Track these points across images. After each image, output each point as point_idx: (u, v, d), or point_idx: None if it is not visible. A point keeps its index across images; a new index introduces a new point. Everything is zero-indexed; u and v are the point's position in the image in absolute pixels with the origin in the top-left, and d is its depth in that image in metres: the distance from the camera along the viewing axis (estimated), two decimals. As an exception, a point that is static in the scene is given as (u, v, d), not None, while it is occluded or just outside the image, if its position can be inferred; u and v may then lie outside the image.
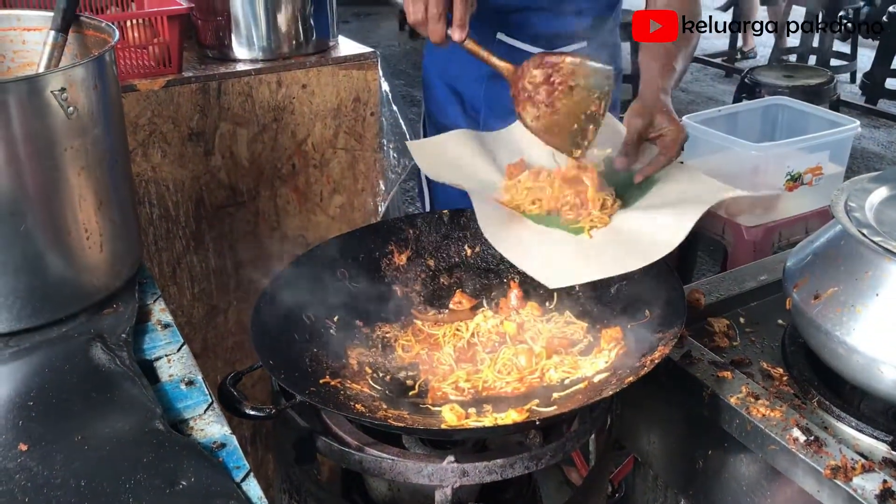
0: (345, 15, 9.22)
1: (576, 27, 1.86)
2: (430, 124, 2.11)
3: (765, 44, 7.64)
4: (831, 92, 4.29)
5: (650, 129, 1.51)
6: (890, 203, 1.32)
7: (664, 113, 1.51)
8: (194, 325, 2.05)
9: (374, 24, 8.80)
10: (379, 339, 1.48)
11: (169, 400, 1.13)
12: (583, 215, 1.49)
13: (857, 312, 1.20)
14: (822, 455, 1.17)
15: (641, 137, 1.51)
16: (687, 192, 1.51)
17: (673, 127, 1.50)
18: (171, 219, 1.92)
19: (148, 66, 1.86)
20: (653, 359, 1.21)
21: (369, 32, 8.57)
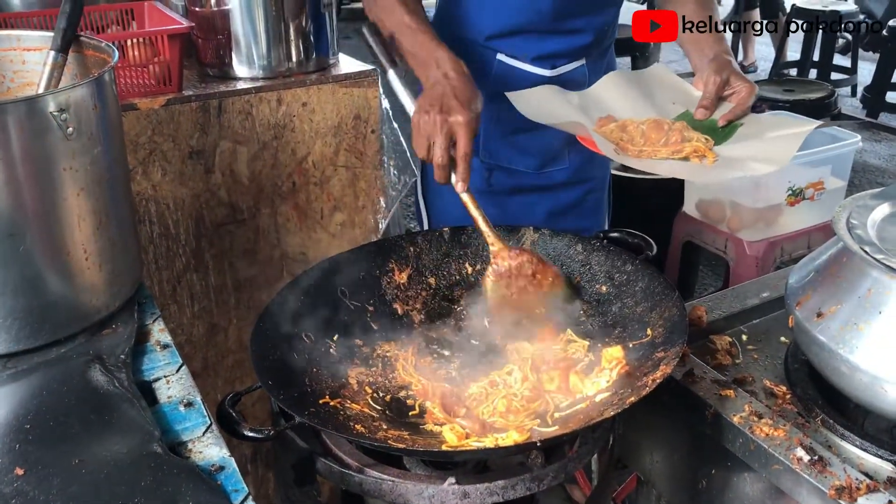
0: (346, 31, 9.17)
1: (575, 46, 1.87)
2: None
3: (765, 58, 7.65)
4: (832, 106, 4.30)
5: (726, 87, 1.70)
6: (892, 220, 1.31)
7: (737, 73, 1.71)
8: (194, 343, 2.04)
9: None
10: (379, 358, 1.47)
11: (168, 422, 1.12)
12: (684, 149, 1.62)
13: (860, 330, 1.19)
14: (826, 475, 1.16)
15: (718, 94, 1.70)
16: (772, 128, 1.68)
17: (746, 84, 1.70)
18: (171, 237, 1.92)
19: (148, 85, 1.86)
20: (654, 378, 1.20)
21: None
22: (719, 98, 1.71)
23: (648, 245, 1.53)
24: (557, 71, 1.87)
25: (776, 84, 4.58)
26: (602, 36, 1.91)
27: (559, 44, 1.85)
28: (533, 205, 1.98)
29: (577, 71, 1.89)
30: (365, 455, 1.24)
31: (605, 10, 1.89)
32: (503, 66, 1.85)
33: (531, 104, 1.74)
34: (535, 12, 1.79)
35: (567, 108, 1.75)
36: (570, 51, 1.87)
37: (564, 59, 1.87)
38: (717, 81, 1.69)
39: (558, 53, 1.86)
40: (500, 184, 1.95)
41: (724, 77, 1.70)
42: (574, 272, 1.57)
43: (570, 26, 1.83)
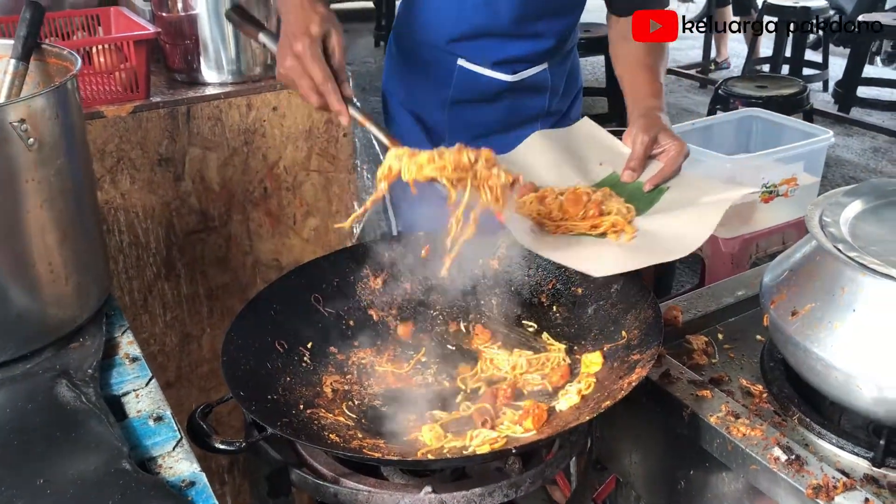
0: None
1: (536, 51, 1.86)
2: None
3: (738, 54, 7.70)
4: (804, 102, 4.33)
5: (655, 146, 1.61)
6: (864, 217, 1.32)
7: (666, 131, 1.62)
8: (167, 353, 2.01)
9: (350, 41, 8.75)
10: (355, 365, 1.46)
11: (137, 437, 1.10)
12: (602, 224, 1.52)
13: (835, 328, 1.19)
14: (803, 474, 1.16)
15: (647, 154, 1.61)
16: (699, 195, 1.57)
17: (676, 143, 1.61)
18: (141, 246, 1.89)
19: (115, 92, 1.84)
20: (630, 381, 1.20)
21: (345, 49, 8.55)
22: (648, 157, 1.62)
23: (623, 246, 1.52)
24: (519, 76, 1.86)
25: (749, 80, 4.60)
26: (563, 40, 1.91)
27: (520, 48, 1.84)
28: None
29: (539, 76, 1.89)
30: (341, 465, 1.23)
31: (566, 14, 1.88)
32: (464, 72, 1.84)
33: None
34: (495, 16, 1.77)
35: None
36: (532, 55, 1.86)
37: (525, 64, 1.87)
38: (645, 141, 1.60)
39: (519, 58, 1.85)
40: None
41: (653, 135, 1.61)
42: (550, 275, 1.56)
43: (530, 30, 1.82)
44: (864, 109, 6.48)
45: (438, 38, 1.83)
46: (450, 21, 1.80)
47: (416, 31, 1.86)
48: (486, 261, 1.60)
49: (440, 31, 1.82)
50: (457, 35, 1.81)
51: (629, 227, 1.50)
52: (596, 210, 1.52)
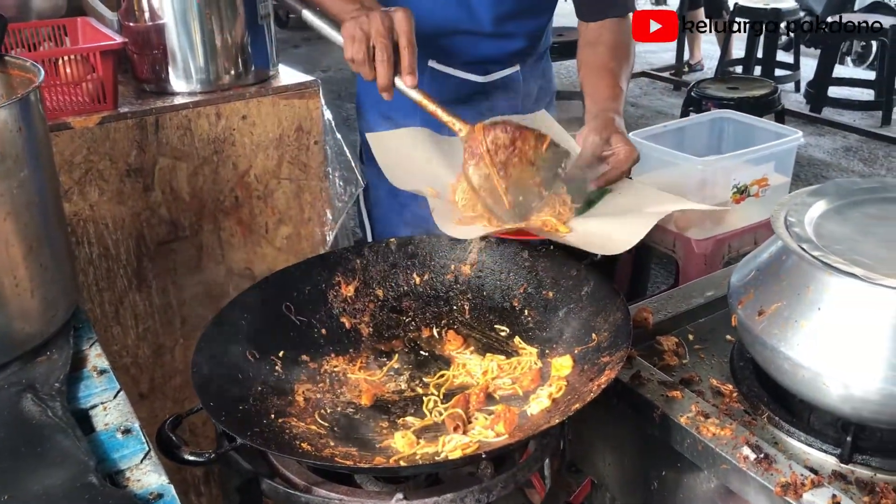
0: (295, 39, 9.18)
1: (508, 51, 1.86)
2: (367, 156, 2.08)
3: (711, 56, 7.76)
4: (776, 102, 4.37)
5: (605, 148, 1.60)
6: (829, 217, 1.33)
7: (619, 135, 1.61)
8: (140, 365, 2.00)
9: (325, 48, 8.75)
10: (327, 373, 1.46)
11: (105, 450, 1.09)
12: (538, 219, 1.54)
13: (801, 327, 1.20)
14: (772, 472, 1.17)
15: (596, 155, 1.59)
16: (640, 203, 1.60)
17: (627, 147, 1.60)
18: (111, 257, 1.88)
19: (82, 103, 1.82)
20: (599, 384, 1.20)
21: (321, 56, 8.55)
22: (598, 158, 1.61)
23: (593, 250, 1.53)
24: (490, 77, 1.86)
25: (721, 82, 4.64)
26: (535, 41, 1.91)
27: (491, 48, 1.84)
28: None
29: (511, 77, 1.89)
30: (314, 474, 1.22)
31: (538, 14, 1.89)
32: (436, 74, 1.84)
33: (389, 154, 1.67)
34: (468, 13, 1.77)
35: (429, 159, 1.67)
36: (503, 56, 1.86)
37: (497, 65, 1.87)
38: (596, 142, 1.60)
39: (490, 59, 1.85)
40: None
41: (605, 137, 1.60)
42: (521, 279, 1.56)
43: (502, 30, 1.82)
44: (835, 109, 6.55)
45: None
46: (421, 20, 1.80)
47: None
48: (458, 266, 1.61)
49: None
50: (429, 32, 1.81)
51: (563, 227, 1.54)
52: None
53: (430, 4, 1.77)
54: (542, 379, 1.38)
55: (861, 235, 1.27)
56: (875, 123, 6.32)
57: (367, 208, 2.11)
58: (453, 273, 1.61)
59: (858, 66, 7.92)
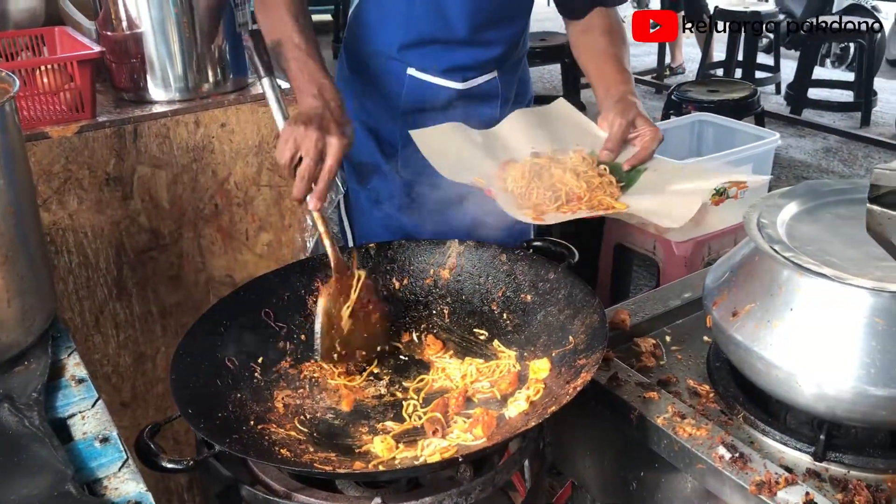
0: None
1: (486, 58, 1.87)
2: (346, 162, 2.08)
3: (693, 59, 7.81)
4: (755, 105, 4.40)
5: (631, 130, 1.68)
6: (801, 218, 1.35)
7: (642, 116, 1.69)
8: (121, 373, 2.00)
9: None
10: (307, 379, 1.46)
11: (83, 459, 1.09)
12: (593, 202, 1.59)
13: (774, 327, 1.22)
14: (747, 471, 1.18)
15: (624, 136, 1.68)
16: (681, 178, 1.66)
17: (652, 128, 1.68)
18: (91, 266, 1.87)
19: (60, 112, 1.82)
20: (575, 386, 1.21)
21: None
22: (624, 141, 1.69)
23: (571, 253, 1.54)
24: (468, 84, 1.87)
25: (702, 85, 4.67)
26: (512, 48, 1.92)
27: (469, 56, 1.85)
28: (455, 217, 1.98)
29: (489, 84, 1.90)
30: (294, 480, 1.23)
31: (515, 21, 1.90)
32: (414, 81, 1.85)
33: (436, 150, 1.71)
34: (444, 23, 1.79)
35: (471, 153, 1.72)
36: (481, 63, 1.87)
37: (475, 72, 1.88)
38: (623, 124, 1.67)
39: (469, 66, 1.86)
40: (422, 197, 1.95)
41: (630, 119, 1.67)
42: (500, 283, 1.57)
43: (479, 38, 1.83)
44: (815, 111, 6.61)
45: (388, 46, 1.84)
46: (399, 29, 1.81)
47: (366, 41, 1.87)
48: (437, 270, 1.62)
49: (390, 39, 1.83)
50: (406, 42, 1.82)
51: (619, 203, 1.60)
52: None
53: (407, 16, 1.79)
54: (520, 382, 1.39)
55: (832, 236, 1.29)
56: (854, 124, 6.37)
57: (347, 216, 2.11)
58: (432, 277, 1.62)
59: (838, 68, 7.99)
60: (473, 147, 1.74)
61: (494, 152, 1.73)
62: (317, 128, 1.43)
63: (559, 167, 1.63)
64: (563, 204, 1.58)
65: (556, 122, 1.81)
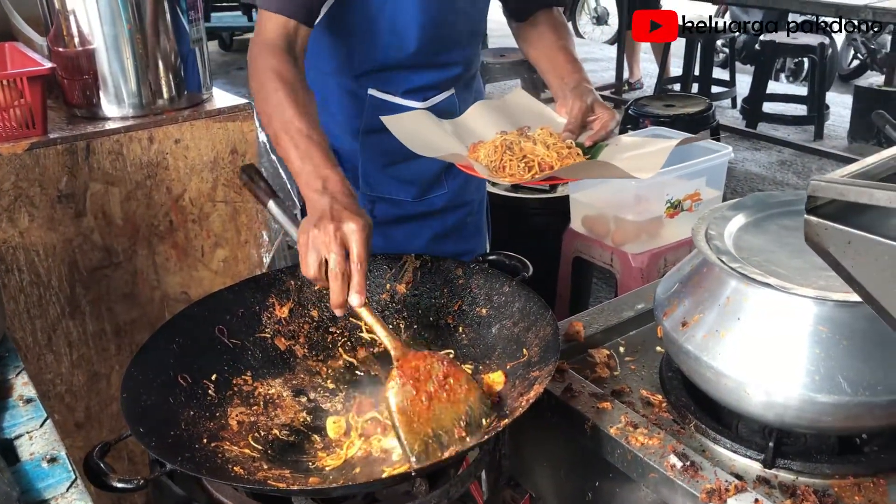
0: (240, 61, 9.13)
1: (444, 79, 1.90)
2: None
3: (651, 74, 7.91)
4: (711, 119, 4.47)
5: (589, 114, 1.71)
6: (748, 229, 1.38)
7: (599, 101, 1.74)
8: (75, 392, 1.97)
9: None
10: (261, 396, 1.45)
11: (29, 480, 1.07)
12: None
13: (722, 337, 1.24)
14: (698, 479, 1.20)
15: (584, 119, 1.71)
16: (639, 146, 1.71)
17: (609, 110, 1.73)
18: (42, 284, 1.85)
19: (10, 129, 1.80)
20: (528, 398, 1.22)
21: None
22: (583, 124, 1.72)
23: (525, 266, 1.55)
24: (428, 102, 1.89)
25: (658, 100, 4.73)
26: (469, 66, 1.95)
27: (428, 77, 1.87)
28: (416, 232, 1.99)
29: (447, 101, 1.92)
30: (250, 498, 1.22)
31: (470, 43, 1.93)
32: (375, 101, 1.86)
33: (409, 133, 1.74)
34: (402, 51, 1.80)
35: (442, 136, 1.76)
36: (440, 83, 1.90)
37: (434, 91, 1.90)
38: (582, 107, 1.71)
39: (428, 86, 1.88)
40: (383, 214, 1.95)
41: (588, 103, 1.72)
42: (456, 296, 1.58)
43: (438, 61, 1.86)
44: (770, 124, 6.72)
45: (347, 72, 1.85)
46: (359, 56, 1.82)
47: (325, 61, 1.87)
48: (394, 285, 1.62)
49: (349, 65, 1.84)
50: (366, 69, 1.83)
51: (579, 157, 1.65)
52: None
53: (369, 42, 1.80)
54: None
55: (778, 247, 1.31)
56: (808, 138, 6.49)
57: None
58: (389, 292, 1.62)
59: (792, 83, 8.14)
60: (443, 132, 1.77)
61: (463, 136, 1.77)
62: (329, 220, 1.31)
63: (528, 141, 1.66)
64: (536, 172, 1.60)
65: (517, 109, 1.85)
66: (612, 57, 8.12)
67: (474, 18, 1.92)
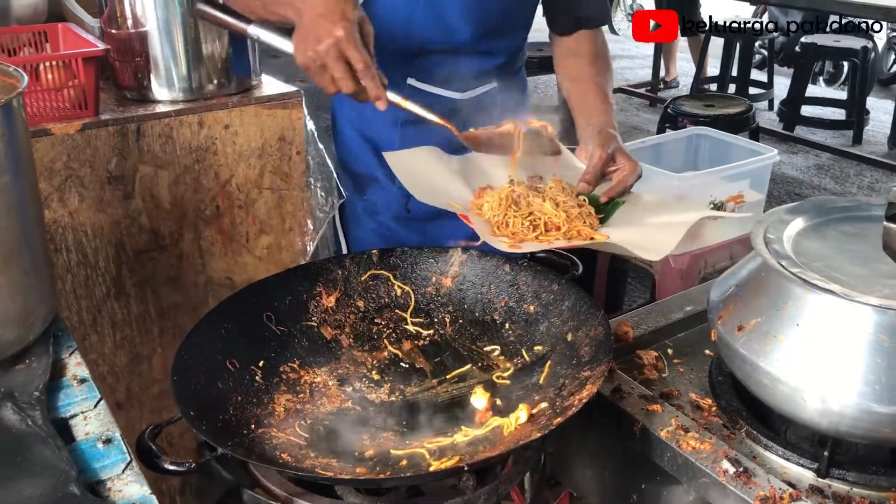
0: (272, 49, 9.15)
1: (487, 68, 1.87)
2: (342, 172, 2.08)
3: (686, 73, 7.85)
4: (750, 120, 4.42)
5: (610, 164, 1.65)
6: (807, 234, 1.35)
7: (622, 151, 1.67)
8: (117, 373, 1.98)
9: (302, 59, 8.77)
10: (307, 384, 1.45)
11: (85, 460, 1.08)
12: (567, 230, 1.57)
13: (780, 342, 1.22)
14: (751, 486, 1.18)
15: (603, 169, 1.65)
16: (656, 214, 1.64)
17: (631, 163, 1.66)
18: (89, 265, 1.86)
19: (63, 109, 1.81)
20: (581, 398, 1.21)
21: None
22: (602, 174, 1.66)
23: (574, 265, 1.55)
24: (468, 94, 1.87)
25: (696, 99, 4.69)
26: (513, 57, 1.93)
27: (470, 65, 1.84)
28: (452, 229, 1.98)
29: (489, 93, 1.90)
30: (294, 485, 1.22)
31: (516, 31, 1.90)
32: (414, 91, 1.84)
33: (410, 173, 1.70)
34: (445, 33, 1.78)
35: (447, 177, 1.71)
36: (482, 73, 1.87)
37: (476, 82, 1.88)
38: (602, 156, 1.64)
39: (469, 76, 1.86)
40: (418, 209, 1.94)
41: (610, 152, 1.65)
42: (502, 293, 1.57)
43: (481, 47, 1.83)
44: (807, 128, 6.65)
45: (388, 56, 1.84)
46: (399, 38, 1.80)
47: None
48: (440, 279, 1.61)
49: (390, 48, 1.83)
50: (406, 51, 1.82)
51: (599, 235, 1.56)
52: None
53: (407, 25, 1.78)
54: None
55: (838, 253, 1.29)
56: (846, 142, 6.42)
57: (342, 226, 2.10)
58: (434, 286, 1.61)
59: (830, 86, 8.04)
60: (449, 172, 1.72)
61: (471, 178, 1.71)
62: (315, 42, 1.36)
63: (537, 196, 1.60)
64: (541, 233, 1.56)
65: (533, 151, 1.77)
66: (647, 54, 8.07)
67: (526, 4, 1.89)
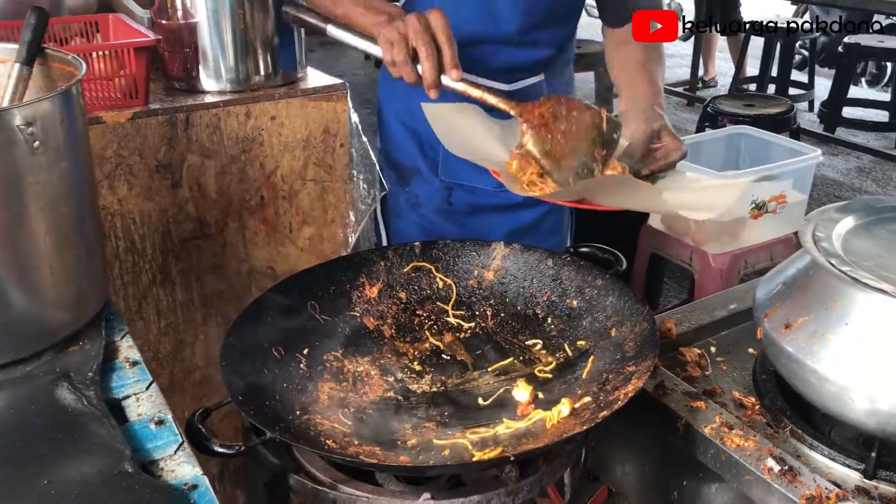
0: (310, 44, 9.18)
1: (534, 59, 1.87)
2: (385, 164, 2.09)
3: (725, 73, 7.78)
4: (791, 121, 4.38)
5: (655, 141, 1.63)
6: (856, 233, 1.34)
7: (668, 129, 1.65)
8: (161, 359, 2.01)
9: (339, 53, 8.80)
10: (350, 373, 1.46)
11: (138, 440, 1.10)
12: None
13: (828, 341, 1.21)
14: (796, 485, 1.18)
15: (648, 144, 1.63)
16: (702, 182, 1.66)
17: (676, 141, 1.64)
18: (136, 252, 1.89)
19: (114, 98, 1.84)
20: (626, 392, 1.21)
21: (335, 61, 8.57)
22: (647, 150, 1.63)
23: (618, 260, 1.54)
24: (516, 85, 1.87)
25: (736, 99, 4.65)
26: (561, 49, 1.92)
27: (518, 56, 1.84)
28: (492, 225, 1.98)
29: (536, 85, 1.89)
30: (338, 471, 1.23)
31: (565, 22, 1.90)
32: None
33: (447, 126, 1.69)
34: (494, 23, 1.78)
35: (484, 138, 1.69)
36: (529, 64, 1.87)
37: (523, 74, 1.87)
38: (647, 131, 1.62)
39: (517, 67, 1.86)
40: (460, 203, 1.95)
41: (655, 128, 1.63)
42: (545, 287, 1.57)
43: (529, 38, 1.83)
44: (849, 129, 6.56)
45: None
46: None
47: None
48: (482, 272, 1.62)
49: None
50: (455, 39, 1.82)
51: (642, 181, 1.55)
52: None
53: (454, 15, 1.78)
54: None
55: (888, 252, 1.28)
56: (889, 145, 6.32)
57: (383, 218, 2.11)
58: (476, 279, 1.62)
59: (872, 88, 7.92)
60: (489, 134, 1.70)
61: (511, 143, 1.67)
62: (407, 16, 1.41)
63: None
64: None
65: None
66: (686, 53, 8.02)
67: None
